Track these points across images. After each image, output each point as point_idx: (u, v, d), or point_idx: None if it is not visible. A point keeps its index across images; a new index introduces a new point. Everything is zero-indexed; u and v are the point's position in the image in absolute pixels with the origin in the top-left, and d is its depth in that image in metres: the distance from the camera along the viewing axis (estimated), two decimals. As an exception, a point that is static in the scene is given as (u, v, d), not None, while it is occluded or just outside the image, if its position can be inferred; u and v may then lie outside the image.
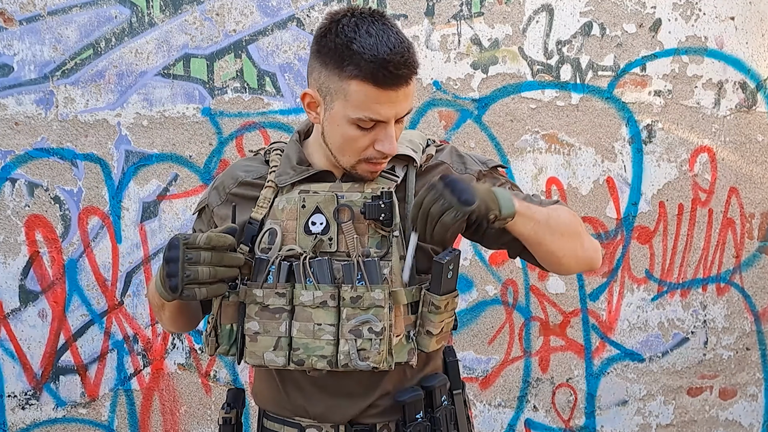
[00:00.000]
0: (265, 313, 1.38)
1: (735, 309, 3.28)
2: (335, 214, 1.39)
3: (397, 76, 1.30)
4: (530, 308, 3.07)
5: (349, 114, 1.34)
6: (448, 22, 2.94)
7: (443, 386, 1.49)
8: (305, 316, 1.37)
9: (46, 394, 2.74)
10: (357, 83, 1.31)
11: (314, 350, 1.36)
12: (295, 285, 1.38)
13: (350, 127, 1.35)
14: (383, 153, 1.36)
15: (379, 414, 1.45)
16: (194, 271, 1.28)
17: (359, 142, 1.36)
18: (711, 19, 3.15)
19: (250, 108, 2.80)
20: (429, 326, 1.41)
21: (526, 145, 3.03)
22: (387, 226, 1.38)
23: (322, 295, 1.36)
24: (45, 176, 2.69)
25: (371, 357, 1.36)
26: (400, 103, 1.34)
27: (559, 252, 1.41)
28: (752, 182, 3.26)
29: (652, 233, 3.17)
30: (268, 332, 1.37)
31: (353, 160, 1.39)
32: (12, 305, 2.70)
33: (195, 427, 2.84)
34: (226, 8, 2.78)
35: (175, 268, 1.29)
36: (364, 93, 1.32)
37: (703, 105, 3.18)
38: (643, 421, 3.22)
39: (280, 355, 1.37)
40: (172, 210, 2.77)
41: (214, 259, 1.30)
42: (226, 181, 1.52)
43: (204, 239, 1.29)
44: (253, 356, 1.39)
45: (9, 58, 2.65)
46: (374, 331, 1.36)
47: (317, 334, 1.36)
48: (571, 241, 1.42)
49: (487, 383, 3.06)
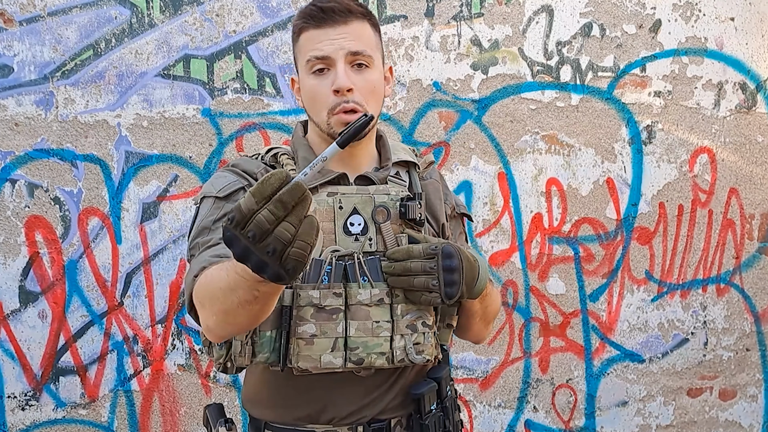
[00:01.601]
0: (321, 314, 1.37)
1: (735, 310, 3.28)
2: (373, 214, 1.42)
3: (326, 9, 1.41)
4: (530, 309, 3.07)
5: (304, 66, 1.44)
6: (448, 23, 2.94)
7: (448, 376, 1.54)
8: (363, 315, 1.38)
9: (45, 395, 2.74)
10: (302, 34, 1.45)
11: (373, 348, 1.38)
12: (349, 284, 1.39)
13: (309, 79, 1.44)
14: (340, 91, 1.40)
15: (394, 408, 1.47)
16: (273, 242, 0.98)
17: (319, 89, 1.42)
18: (711, 20, 3.15)
19: (250, 109, 2.80)
20: (449, 319, 1.50)
21: (526, 145, 3.03)
22: (420, 225, 1.45)
23: (379, 293, 1.39)
24: (45, 177, 2.69)
25: (426, 350, 1.41)
26: (344, 40, 1.41)
27: (473, 328, 1.56)
28: (752, 183, 3.26)
29: (652, 234, 3.17)
30: (326, 333, 1.37)
31: (325, 115, 1.43)
32: (12, 306, 2.70)
33: (195, 428, 2.84)
34: (226, 9, 2.78)
35: (255, 257, 1.00)
36: (306, 37, 1.44)
37: (703, 106, 3.18)
38: (643, 422, 3.22)
39: (338, 356, 1.37)
40: (172, 211, 2.77)
41: (277, 209, 0.98)
42: (253, 168, 1.47)
43: (251, 201, 0.98)
44: (308, 360, 1.36)
45: (9, 58, 2.65)
46: (427, 325, 1.42)
47: (376, 331, 1.38)
48: (485, 326, 1.59)
49: (487, 384, 3.06)
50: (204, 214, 1.42)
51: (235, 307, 1.17)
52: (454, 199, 1.62)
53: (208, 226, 1.39)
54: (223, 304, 1.19)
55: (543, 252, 3.07)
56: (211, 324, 1.27)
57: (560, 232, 3.08)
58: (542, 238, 3.07)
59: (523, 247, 3.04)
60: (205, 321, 1.28)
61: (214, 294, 1.21)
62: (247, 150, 2.79)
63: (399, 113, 2.91)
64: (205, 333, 1.31)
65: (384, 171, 1.51)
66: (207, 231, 1.39)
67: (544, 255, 3.07)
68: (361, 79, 1.43)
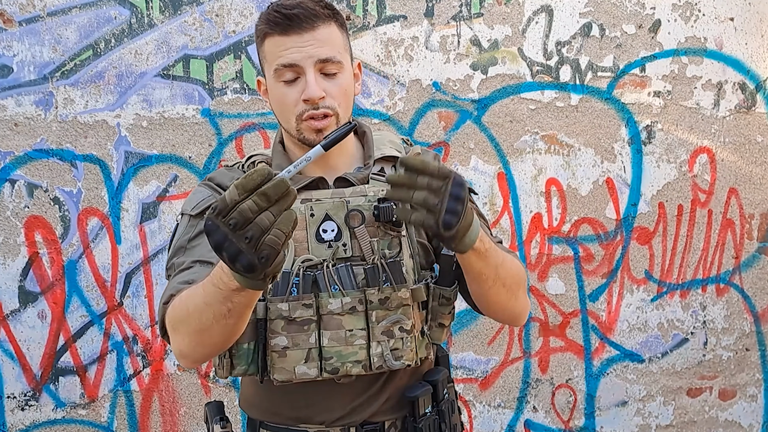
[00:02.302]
0: (292, 326, 1.36)
1: (734, 310, 3.28)
2: (346, 219, 1.38)
3: (291, 17, 1.35)
4: (530, 309, 3.07)
5: (272, 73, 1.39)
6: (448, 23, 2.94)
7: (445, 379, 1.51)
8: (335, 324, 1.36)
9: (45, 395, 2.74)
10: (266, 39, 1.39)
11: (348, 357, 1.36)
12: (320, 294, 1.36)
13: (278, 87, 1.39)
14: (310, 100, 1.36)
15: (388, 411, 1.46)
16: (252, 228, 1.01)
17: (288, 97, 1.38)
18: (710, 20, 3.15)
19: (249, 109, 2.80)
20: (441, 319, 1.45)
21: (526, 145, 3.03)
22: (398, 226, 1.40)
23: (351, 301, 1.36)
24: (44, 177, 2.69)
25: (405, 355, 1.38)
26: (312, 47, 1.36)
27: (493, 297, 1.39)
28: (752, 183, 3.26)
29: (652, 234, 3.17)
30: (298, 345, 1.36)
31: (294, 122, 1.40)
32: (11, 306, 2.70)
33: (194, 428, 2.84)
34: (225, 9, 2.78)
35: (232, 246, 1.02)
36: (273, 44, 1.38)
37: (703, 106, 3.18)
38: (643, 422, 3.22)
39: (312, 367, 1.36)
40: (172, 211, 2.77)
41: (260, 200, 1.01)
42: (225, 181, 1.47)
43: (235, 193, 1.01)
44: (283, 372, 1.37)
45: (8, 59, 2.65)
46: (405, 330, 1.38)
47: (349, 340, 1.36)
48: (508, 293, 1.39)
49: (486, 384, 3.06)
50: (180, 232, 1.44)
51: (209, 324, 1.19)
52: None
53: (184, 245, 1.41)
54: (198, 322, 1.21)
55: (542, 252, 3.07)
56: (184, 348, 1.28)
57: (560, 232, 3.08)
58: (542, 238, 3.07)
59: (522, 247, 3.04)
60: (179, 346, 1.29)
61: (189, 314, 1.22)
62: (245, 150, 2.79)
63: (398, 113, 2.91)
64: (179, 359, 1.33)
65: (365, 170, 1.46)
66: (182, 251, 1.41)
67: (544, 255, 3.07)
68: (332, 84, 1.39)
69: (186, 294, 1.26)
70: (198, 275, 1.30)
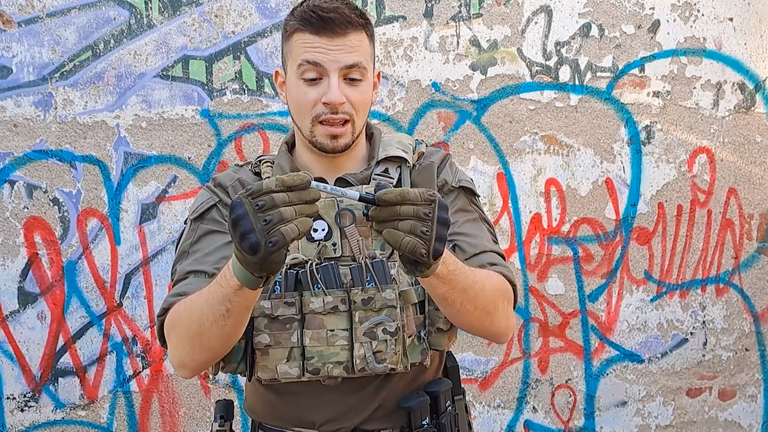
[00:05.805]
0: (274, 324, 1.35)
1: (734, 310, 3.28)
2: (337, 218, 1.38)
3: (327, 19, 1.35)
4: (529, 309, 3.07)
5: (294, 68, 1.39)
6: (447, 24, 2.94)
7: (447, 391, 1.48)
8: (317, 324, 1.35)
9: (45, 396, 2.74)
10: (296, 35, 1.39)
11: (329, 357, 1.35)
12: (303, 293, 1.36)
13: (299, 83, 1.39)
14: (331, 105, 1.36)
15: (383, 419, 1.43)
16: (274, 214, 1.07)
17: (308, 96, 1.38)
18: (709, 20, 3.16)
19: (249, 109, 2.80)
20: (438, 323, 1.41)
21: (525, 146, 3.03)
22: None
23: (333, 300, 1.35)
24: (44, 178, 2.69)
25: (388, 358, 1.35)
26: (340, 52, 1.36)
27: (463, 318, 1.35)
28: (751, 183, 3.26)
29: (651, 234, 3.17)
30: (280, 344, 1.35)
31: (308, 123, 1.40)
32: (11, 307, 2.70)
33: (194, 428, 2.84)
34: (224, 10, 2.78)
35: (248, 223, 1.07)
36: (301, 40, 1.38)
37: (702, 106, 3.18)
38: (643, 422, 3.22)
39: (294, 366, 1.35)
40: (171, 212, 2.77)
41: (293, 197, 1.09)
42: (226, 181, 1.48)
43: (273, 183, 1.08)
44: (266, 370, 1.36)
45: (8, 60, 2.65)
46: (389, 332, 1.35)
47: (331, 340, 1.35)
48: (481, 315, 1.35)
49: (486, 384, 3.06)
50: (184, 237, 1.46)
51: (208, 327, 1.23)
52: (452, 174, 1.52)
53: (186, 250, 1.43)
54: (197, 323, 1.25)
55: (542, 252, 3.07)
56: (182, 354, 1.32)
57: (559, 233, 3.08)
58: (541, 239, 3.07)
59: (522, 248, 3.05)
60: (177, 353, 1.33)
61: (190, 314, 1.27)
62: (245, 150, 2.79)
63: (398, 114, 2.91)
64: (178, 369, 1.35)
65: (367, 171, 1.46)
66: (185, 256, 1.43)
67: (543, 255, 3.07)
68: (353, 91, 1.39)
69: (190, 297, 1.28)
70: (191, 287, 1.33)
